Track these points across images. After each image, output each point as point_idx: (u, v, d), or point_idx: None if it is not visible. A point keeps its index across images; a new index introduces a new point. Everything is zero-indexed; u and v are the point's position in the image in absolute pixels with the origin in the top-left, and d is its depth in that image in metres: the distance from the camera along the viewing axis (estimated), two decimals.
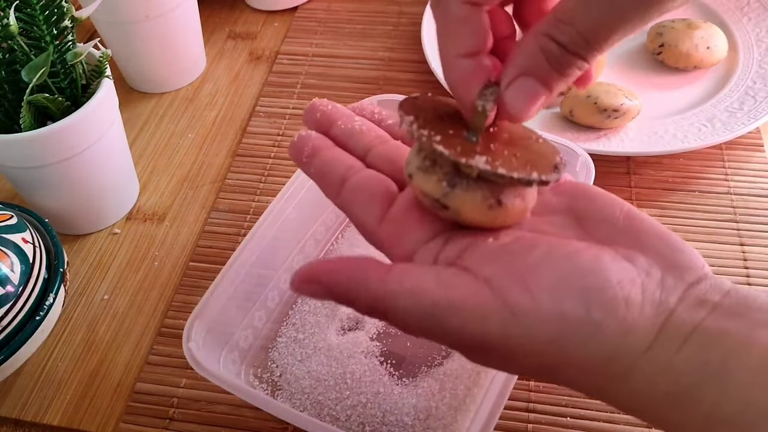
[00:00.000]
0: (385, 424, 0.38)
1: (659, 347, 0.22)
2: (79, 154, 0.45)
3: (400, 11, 0.68)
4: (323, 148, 0.30)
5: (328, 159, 0.29)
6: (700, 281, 0.23)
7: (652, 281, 0.23)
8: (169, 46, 0.59)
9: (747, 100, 0.54)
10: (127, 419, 0.41)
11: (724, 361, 0.21)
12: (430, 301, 0.23)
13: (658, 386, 0.22)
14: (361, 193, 0.27)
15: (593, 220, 0.26)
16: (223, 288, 0.39)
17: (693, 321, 0.22)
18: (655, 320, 0.22)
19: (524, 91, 0.24)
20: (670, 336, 0.22)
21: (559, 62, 0.24)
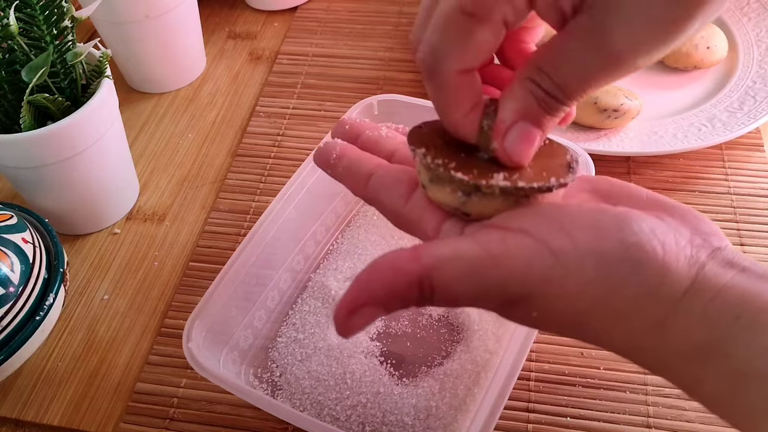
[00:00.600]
0: (385, 424, 0.38)
1: (694, 295, 0.22)
2: (79, 154, 0.45)
3: (400, 11, 0.68)
4: (350, 150, 0.31)
5: (356, 158, 0.30)
6: (724, 248, 0.24)
7: (682, 237, 0.23)
8: (169, 46, 0.59)
9: (747, 100, 0.54)
10: (127, 419, 0.41)
11: (756, 316, 0.21)
12: (472, 258, 0.23)
13: (691, 338, 0.22)
14: (387, 179, 0.29)
15: (617, 196, 0.26)
16: (223, 288, 0.39)
17: (724, 277, 0.22)
18: (689, 270, 0.22)
19: (522, 135, 0.25)
20: (704, 287, 0.22)
21: (548, 104, 0.25)
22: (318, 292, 0.45)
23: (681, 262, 0.22)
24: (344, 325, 0.23)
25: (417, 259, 0.23)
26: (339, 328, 0.23)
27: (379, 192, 0.29)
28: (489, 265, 0.23)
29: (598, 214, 0.23)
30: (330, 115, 0.59)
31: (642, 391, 0.40)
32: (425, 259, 0.23)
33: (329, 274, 0.46)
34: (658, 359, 0.23)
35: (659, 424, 0.39)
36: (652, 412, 0.39)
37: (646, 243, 0.22)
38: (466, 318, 0.42)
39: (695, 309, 0.22)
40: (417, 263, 0.23)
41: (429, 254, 0.23)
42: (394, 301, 0.23)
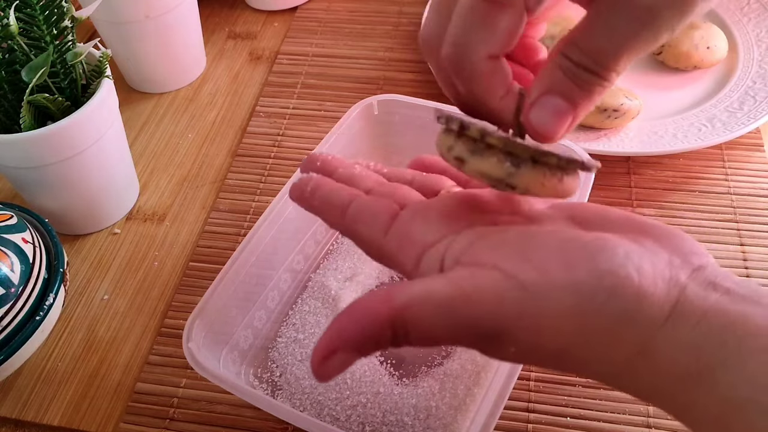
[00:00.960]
0: (385, 424, 0.38)
1: (677, 321, 0.22)
2: (79, 154, 0.45)
3: (400, 11, 0.68)
4: (326, 182, 0.31)
5: (332, 189, 0.30)
6: (705, 267, 0.23)
7: (660, 259, 0.23)
8: (169, 46, 0.59)
9: (747, 100, 0.54)
10: (127, 419, 0.41)
11: (742, 342, 0.21)
12: (444, 296, 0.22)
13: (679, 364, 0.22)
14: (365, 211, 0.28)
15: (592, 221, 0.26)
16: (223, 288, 0.39)
17: (707, 300, 0.22)
18: (668, 293, 0.22)
19: (549, 107, 0.25)
20: (687, 311, 0.22)
21: (579, 78, 0.24)
22: (318, 292, 0.45)
23: (659, 285, 0.22)
24: (319, 370, 0.23)
25: (389, 300, 0.23)
26: (315, 373, 0.23)
27: (358, 223, 0.28)
28: (461, 302, 0.22)
29: (569, 244, 0.23)
30: (330, 115, 0.59)
31: None
32: (396, 301, 0.23)
33: (329, 274, 0.46)
34: (649, 384, 0.23)
35: (659, 424, 0.39)
36: (652, 412, 0.39)
37: (620, 269, 0.22)
38: None
39: (680, 334, 0.22)
40: (388, 305, 0.22)
41: (400, 295, 0.23)
42: (367, 345, 0.23)
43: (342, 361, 0.23)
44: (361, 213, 0.28)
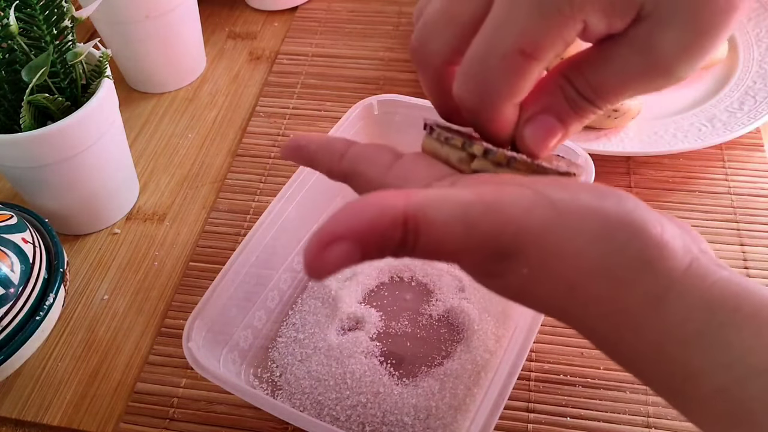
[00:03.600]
0: (385, 424, 0.38)
1: (693, 277, 0.21)
2: (79, 154, 0.45)
3: (400, 11, 0.68)
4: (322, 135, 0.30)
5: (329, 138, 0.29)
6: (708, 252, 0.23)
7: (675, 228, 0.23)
8: (169, 46, 0.59)
9: (747, 100, 0.54)
10: (127, 419, 0.41)
11: (758, 311, 0.21)
12: (465, 202, 0.21)
13: (691, 320, 0.21)
14: (366, 151, 0.27)
15: None
16: (223, 288, 0.39)
17: (718, 272, 0.22)
18: (684, 254, 0.22)
19: (543, 126, 0.25)
20: (701, 273, 0.21)
21: (576, 104, 0.25)
22: (318, 292, 0.45)
23: (677, 244, 0.22)
24: (314, 261, 0.20)
25: (406, 197, 0.21)
26: (309, 263, 0.20)
27: (359, 163, 0.27)
28: (483, 209, 0.21)
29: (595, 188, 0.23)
30: (330, 115, 0.59)
31: (642, 391, 0.40)
32: (414, 198, 0.21)
33: None
34: (653, 344, 0.22)
35: (659, 424, 0.39)
36: (652, 412, 0.39)
37: (645, 214, 0.22)
38: (466, 318, 0.42)
39: (695, 291, 0.21)
40: (405, 200, 0.21)
41: (419, 194, 0.21)
42: (373, 241, 0.20)
43: (343, 253, 0.20)
44: (363, 153, 0.27)
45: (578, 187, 0.23)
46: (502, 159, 0.25)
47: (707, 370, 0.21)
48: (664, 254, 0.21)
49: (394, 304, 0.44)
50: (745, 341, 0.20)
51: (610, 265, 0.21)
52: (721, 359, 0.21)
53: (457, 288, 0.44)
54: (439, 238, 0.21)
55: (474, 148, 0.25)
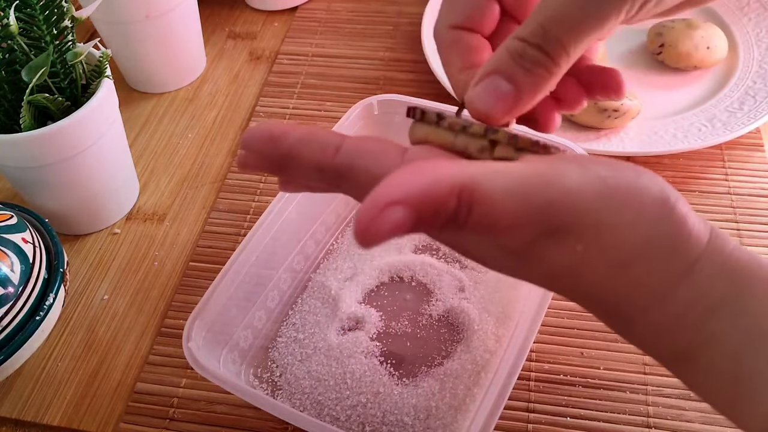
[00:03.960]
0: (385, 424, 0.38)
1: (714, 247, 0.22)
2: (79, 154, 0.45)
3: (400, 11, 0.68)
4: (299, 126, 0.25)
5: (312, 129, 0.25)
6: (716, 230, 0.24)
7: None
8: (169, 46, 0.59)
9: (747, 100, 0.54)
10: (127, 419, 0.41)
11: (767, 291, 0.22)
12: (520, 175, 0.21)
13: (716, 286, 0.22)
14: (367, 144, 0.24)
15: None
16: (223, 288, 0.39)
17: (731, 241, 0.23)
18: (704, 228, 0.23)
19: (489, 88, 0.24)
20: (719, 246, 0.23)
21: (522, 57, 0.24)
22: (318, 292, 0.45)
23: (697, 220, 0.23)
24: (370, 224, 0.19)
25: (461, 167, 0.20)
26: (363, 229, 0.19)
27: (360, 157, 0.23)
28: (538, 183, 0.21)
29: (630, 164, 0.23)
30: (330, 115, 0.59)
31: (642, 391, 0.40)
32: (469, 168, 0.20)
33: (329, 274, 0.46)
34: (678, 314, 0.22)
35: (659, 424, 0.39)
36: (652, 412, 0.39)
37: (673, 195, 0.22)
38: (466, 318, 0.42)
39: (717, 262, 0.22)
40: (462, 172, 0.20)
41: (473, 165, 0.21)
42: (428, 209, 0.20)
43: (399, 219, 0.19)
44: (363, 146, 0.24)
45: (617, 164, 0.23)
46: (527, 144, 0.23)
47: (724, 335, 0.22)
48: (690, 231, 0.22)
49: (394, 304, 0.44)
50: (761, 306, 0.22)
51: (656, 237, 0.22)
52: (739, 323, 0.22)
53: (457, 288, 0.44)
54: (494, 211, 0.20)
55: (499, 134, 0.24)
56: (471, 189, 0.20)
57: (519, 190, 0.20)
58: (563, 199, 0.21)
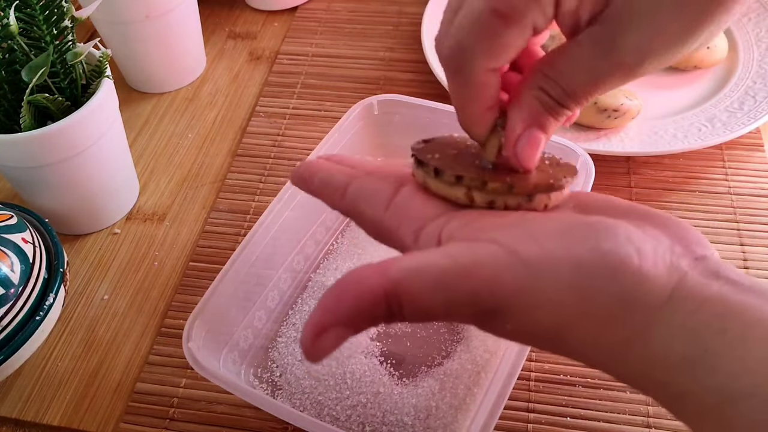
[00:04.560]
0: (385, 424, 0.38)
1: (676, 305, 0.21)
2: (79, 154, 0.45)
3: (400, 11, 0.68)
4: (326, 164, 0.31)
5: (332, 172, 0.30)
6: (708, 257, 0.23)
7: (660, 245, 0.23)
8: (169, 46, 0.59)
9: (747, 100, 0.54)
10: (127, 419, 0.41)
11: (745, 331, 0.20)
12: (440, 269, 0.22)
13: (675, 348, 0.21)
14: (366, 188, 0.28)
15: (596, 207, 0.26)
16: (223, 288, 0.39)
17: (709, 288, 0.21)
18: (669, 277, 0.22)
19: (532, 142, 0.26)
20: (686, 296, 0.21)
21: (554, 110, 0.26)
22: (318, 292, 0.45)
23: (660, 269, 0.22)
24: (311, 349, 0.22)
25: (383, 273, 0.22)
26: (306, 352, 0.22)
27: (359, 201, 0.28)
28: (458, 275, 0.22)
29: (570, 224, 0.23)
30: (330, 115, 0.59)
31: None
32: (391, 273, 0.22)
33: (329, 274, 0.46)
34: (643, 371, 0.22)
35: (659, 424, 0.39)
36: (652, 412, 0.39)
37: (621, 249, 0.22)
38: None
39: (678, 319, 0.21)
40: (383, 278, 0.22)
41: (395, 267, 0.22)
42: (361, 320, 0.22)
43: (335, 338, 0.22)
44: (362, 190, 0.28)
45: (553, 233, 0.23)
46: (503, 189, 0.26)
47: (696, 392, 0.21)
48: (642, 288, 0.21)
49: None
50: (731, 366, 0.20)
51: (590, 309, 0.22)
52: (708, 383, 0.21)
53: None
54: (423, 305, 0.22)
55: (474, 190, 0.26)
56: (396, 294, 0.22)
57: (442, 286, 0.22)
58: (482, 290, 0.22)
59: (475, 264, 0.22)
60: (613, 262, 0.21)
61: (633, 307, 0.21)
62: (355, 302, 0.22)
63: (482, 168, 0.27)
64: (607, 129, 0.53)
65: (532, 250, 0.22)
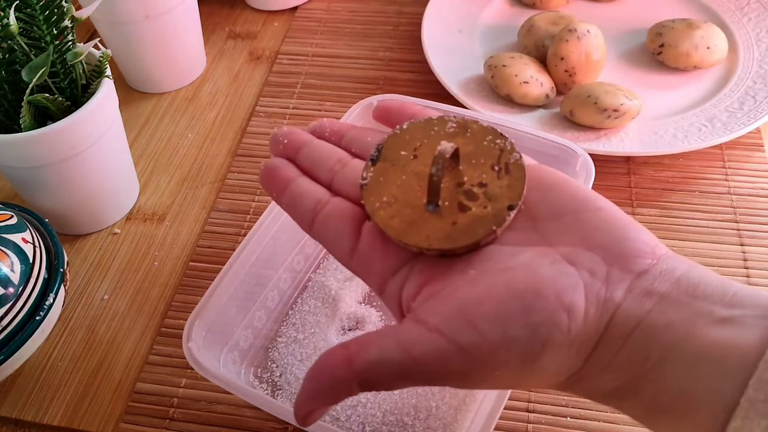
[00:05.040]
0: (385, 424, 0.38)
1: (603, 347, 0.23)
2: (79, 154, 0.45)
3: (400, 11, 0.68)
4: (292, 181, 0.31)
5: (298, 193, 0.30)
6: (649, 270, 0.24)
7: (596, 280, 0.24)
8: (169, 46, 0.59)
9: (747, 100, 0.54)
10: (127, 419, 0.41)
11: (663, 355, 0.22)
12: (396, 363, 0.25)
13: (604, 384, 0.24)
14: (330, 230, 0.29)
15: (544, 218, 0.27)
16: (223, 288, 0.39)
17: (639, 314, 0.23)
18: (599, 322, 0.23)
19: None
20: (614, 335, 0.23)
21: None
22: (318, 292, 0.45)
23: (591, 316, 0.23)
24: (304, 423, 0.26)
25: (350, 365, 0.25)
26: (300, 424, 0.26)
27: (325, 243, 0.30)
28: (413, 367, 0.24)
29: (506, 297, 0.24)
30: (330, 115, 0.59)
31: None
32: (356, 365, 0.25)
33: (329, 274, 0.46)
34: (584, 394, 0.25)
35: None
36: None
37: (551, 317, 0.23)
38: None
39: (606, 360, 0.23)
40: (350, 370, 0.25)
41: (359, 360, 0.25)
42: (340, 397, 0.25)
43: (322, 411, 0.26)
44: (327, 232, 0.29)
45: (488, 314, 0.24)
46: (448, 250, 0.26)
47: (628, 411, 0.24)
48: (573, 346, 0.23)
49: None
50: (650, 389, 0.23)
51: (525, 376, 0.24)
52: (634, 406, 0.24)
53: None
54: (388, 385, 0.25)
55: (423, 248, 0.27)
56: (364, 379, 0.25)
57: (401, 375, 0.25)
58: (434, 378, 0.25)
59: (424, 356, 0.24)
60: (545, 335, 0.23)
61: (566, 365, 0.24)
62: (332, 389, 0.25)
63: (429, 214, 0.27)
64: (607, 129, 0.53)
65: (471, 338, 0.24)
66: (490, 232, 0.26)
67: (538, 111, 0.55)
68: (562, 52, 0.54)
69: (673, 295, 0.23)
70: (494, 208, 0.27)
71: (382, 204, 0.28)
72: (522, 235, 0.26)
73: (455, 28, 0.63)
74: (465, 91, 0.56)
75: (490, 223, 0.26)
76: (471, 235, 0.26)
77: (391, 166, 0.29)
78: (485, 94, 0.56)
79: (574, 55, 0.54)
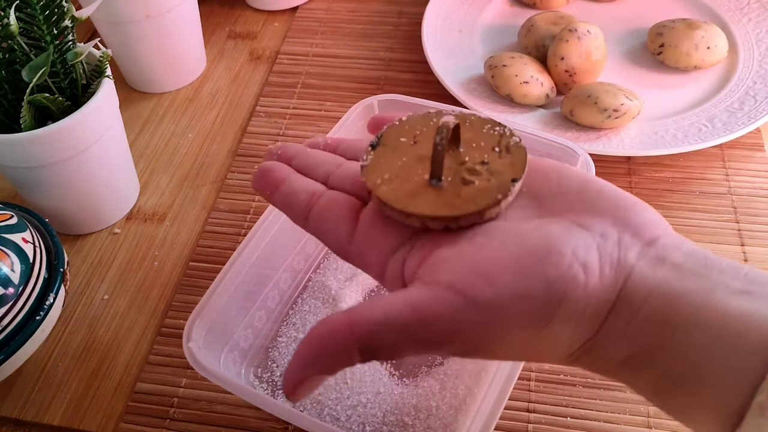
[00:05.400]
0: (386, 424, 0.38)
1: (620, 310, 0.23)
2: (79, 154, 0.45)
3: (400, 11, 0.68)
4: (285, 178, 0.30)
5: (291, 189, 0.30)
6: (658, 239, 0.24)
7: (608, 242, 0.23)
8: (169, 46, 0.59)
9: (747, 100, 0.54)
10: (127, 419, 0.41)
11: (681, 323, 0.22)
12: (404, 321, 0.23)
13: (617, 353, 0.23)
14: (327, 219, 0.28)
15: (548, 196, 0.26)
16: (223, 288, 0.39)
17: (654, 279, 0.22)
18: (614, 283, 0.23)
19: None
20: (629, 300, 0.22)
21: None
22: (318, 292, 0.45)
23: (606, 276, 0.23)
24: (293, 395, 0.24)
25: (351, 327, 0.23)
26: (288, 397, 0.24)
27: (322, 233, 0.29)
28: (419, 327, 0.23)
29: (517, 249, 0.24)
30: (330, 115, 0.59)
31: None
32: (359, 328, 0.23)
33: (329, 274, 0.46)
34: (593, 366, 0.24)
35: (659, 424, 0.39)
36: (652, 412, 0.39)
37: (567, 272, 0.22)
38: None
39: (620, 327, 0.23)
40: (351, 335, 0.23)
41: (362, 322, 0.23)
42: (337, 367, 0.24)
43: (314, 383, 0.24)
44: (324, 222, 0.28)
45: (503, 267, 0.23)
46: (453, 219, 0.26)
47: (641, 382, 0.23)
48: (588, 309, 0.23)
49: None
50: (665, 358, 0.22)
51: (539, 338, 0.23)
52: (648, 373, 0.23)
53: None
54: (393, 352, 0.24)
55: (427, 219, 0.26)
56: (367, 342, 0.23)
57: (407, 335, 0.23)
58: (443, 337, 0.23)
59: (433, 313, 0.23)
60: (561, 290, 0.22)
61: (581, 329, 0.23)
62: (331, 355, 0.23)
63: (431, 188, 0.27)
64: (607, 129, 0.53)
65: (485, 292, 0.23)
66: (495, 201, 0.25)
67: (538, 111, 0.55)
68: (563, 52, 0.54)
69: (688, 265, 0.23)
70: (498, 181, 0.26)
71: (383, 180, 0.27)
72: (527, 212, 0.26)
73: (455, 28, 0.63)
74: (465, 91, 0.56)
75: (495, 193, 0.26)
76: (476, 203, 0.26)
77: (392, 150, 0.29)
78: (485, 94, 0.56)
79: (575, 55, 0.54)
